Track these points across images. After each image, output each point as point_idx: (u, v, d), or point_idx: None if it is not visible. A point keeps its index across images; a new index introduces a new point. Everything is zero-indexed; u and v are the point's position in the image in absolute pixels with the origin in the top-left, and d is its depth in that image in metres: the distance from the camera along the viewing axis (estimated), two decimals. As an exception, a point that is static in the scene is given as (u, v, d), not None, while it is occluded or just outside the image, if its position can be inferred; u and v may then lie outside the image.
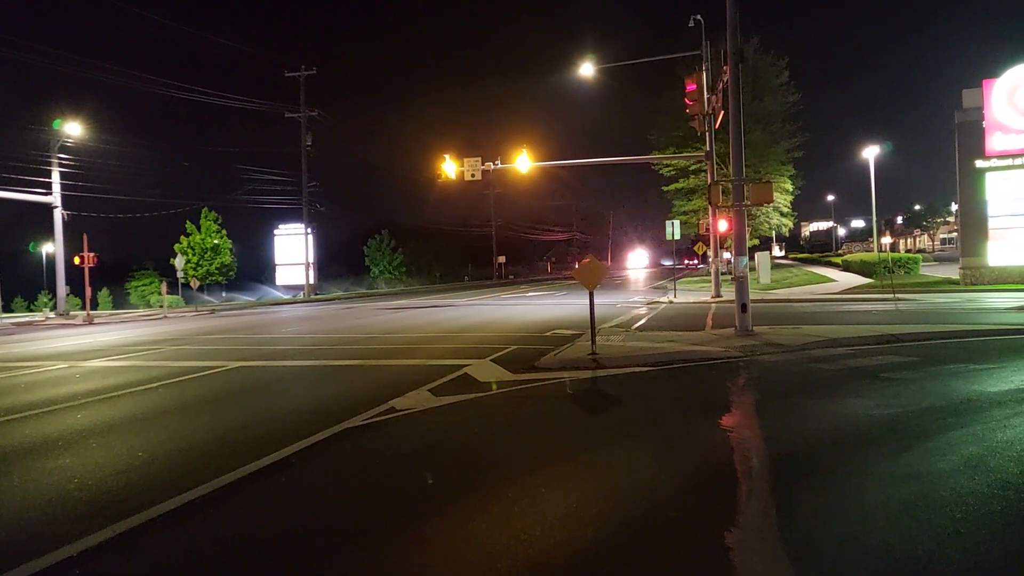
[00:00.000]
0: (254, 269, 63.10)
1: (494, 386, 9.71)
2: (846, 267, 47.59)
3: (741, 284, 14.73)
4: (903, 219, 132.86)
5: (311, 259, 52.75)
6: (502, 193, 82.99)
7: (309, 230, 52.80)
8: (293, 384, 10.98)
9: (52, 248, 40.18)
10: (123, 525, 4.74)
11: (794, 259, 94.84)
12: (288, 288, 58.47)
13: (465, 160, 27.66)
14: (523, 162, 27.75)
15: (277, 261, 61.10)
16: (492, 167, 28.15)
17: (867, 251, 62.71)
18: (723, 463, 5.78)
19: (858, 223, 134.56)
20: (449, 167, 27.40)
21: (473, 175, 27.77)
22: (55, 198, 36.55)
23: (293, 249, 56.43)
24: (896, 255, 44.33)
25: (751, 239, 48.39)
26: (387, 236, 70.66)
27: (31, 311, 48.21)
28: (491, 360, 12.19)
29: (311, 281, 52.78)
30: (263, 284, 62.10)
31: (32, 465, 6.56)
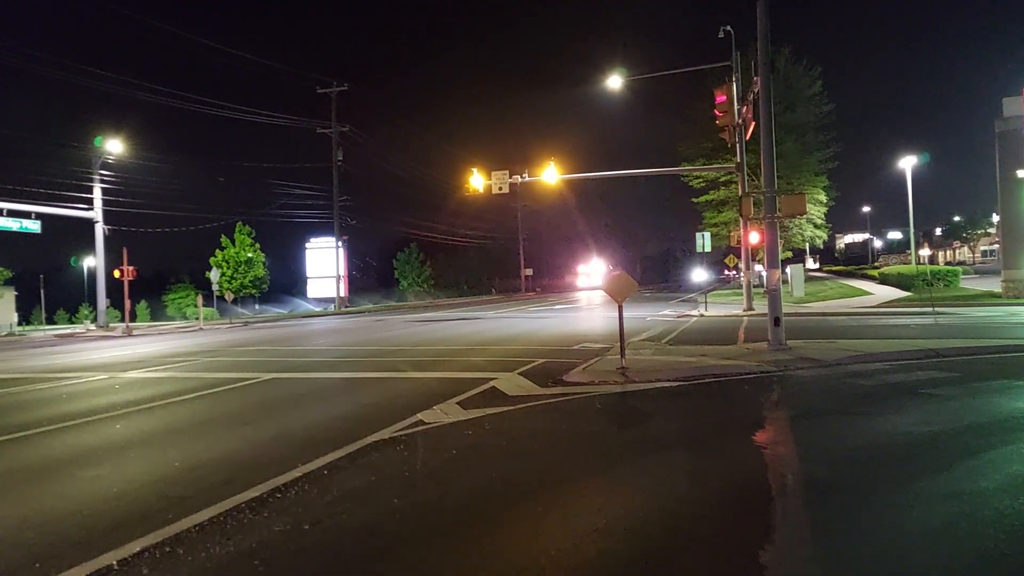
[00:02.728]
0: (286, 282, 63.96)
1: (522, 400, 9.70)
2: (883, 280, 46.75)
3: (774, 297, 14.56)
4: (942, 230, 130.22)
5: (342, 272, 53.27)
6: (529, 206, 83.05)
7: (340, 243, 53.36)
8: (323, 396, 11.07)
9: (93, 262, 41.12)
10: (161, 534, 4.82)
11: (829, 272, 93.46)
12: (319, 301, 59.08)
13: (493, 173, 27.76)
14: (550, 174, 27.77)
15: (308, 274, 61.82)
16: (520, 180, 28.23)
17: (904, 263, 61.58)
18: (757, 480, 5.70)
19: (895, 235, 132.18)
20: (477, 180, 27.52)
21: (501, 188, 27.85)
22: (96, 213, 37.43)
23: (324, 262, 57.05)
24: (935, 267, 43.44)
25: (784, 251, 47.86)
26: (415, 249, 71.17)
27: (72, 323, 49.30)
28: (519, 373, 12.18)
29: (342, 294, 53.27)
30: (295, 297, 62.85)
31: (73, 474, 6.70)
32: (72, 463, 7.15)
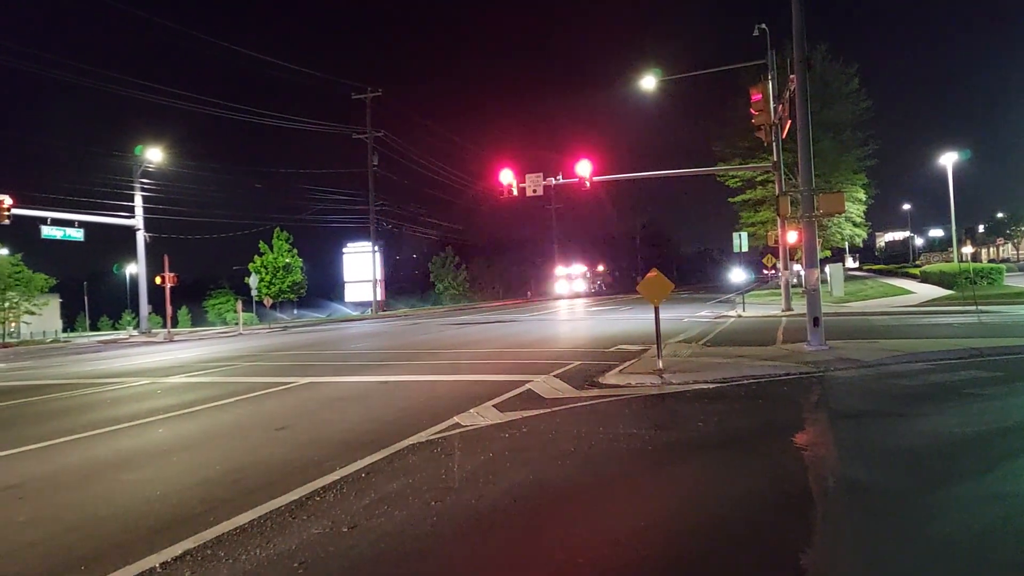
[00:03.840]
0: (323, 286, 64.78)
1: (558, 402, 9.68)
2: (924, 278, 45.71)
3: (813, 297, 14.34)
4: (985, 227, 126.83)
5: (378, 276, 53.74)
6: (563, 208, 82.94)
7: (376, 248, 53.86)
8: (360, 399, 11.17)
9: (135, 269, 42.08)
10: (202, 537, 4.91)
11: (868, 271, 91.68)
12: (356, 305, 59.68)
13: (527, 176, 27.75)
14: (584, 173, 27.61)
15: (345, 278, 62.50)
16: (554, 182, 28.19)
17: (946, 261, 60.12)
18: (796, 482, 5.61)
19: (936, 232, 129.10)
20: (511, 183, 27.51)
21: (535, 190, 27.83)
22: (138, 221, 38.30)
23: (361, 267, 57.65)
24: (978, 265, 42.34)
25: (823, 250, 46.98)
26: (451, 253, 71.51)
27: (116, 329, 50.47)
28: (554, 376, 12.16)
29: (378, 298, 53.74)
30: (332, 301, 63.58)
31: (117, 477, 6.86)
32: (116, 466, 7.32)
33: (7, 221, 30.75)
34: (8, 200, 30.43)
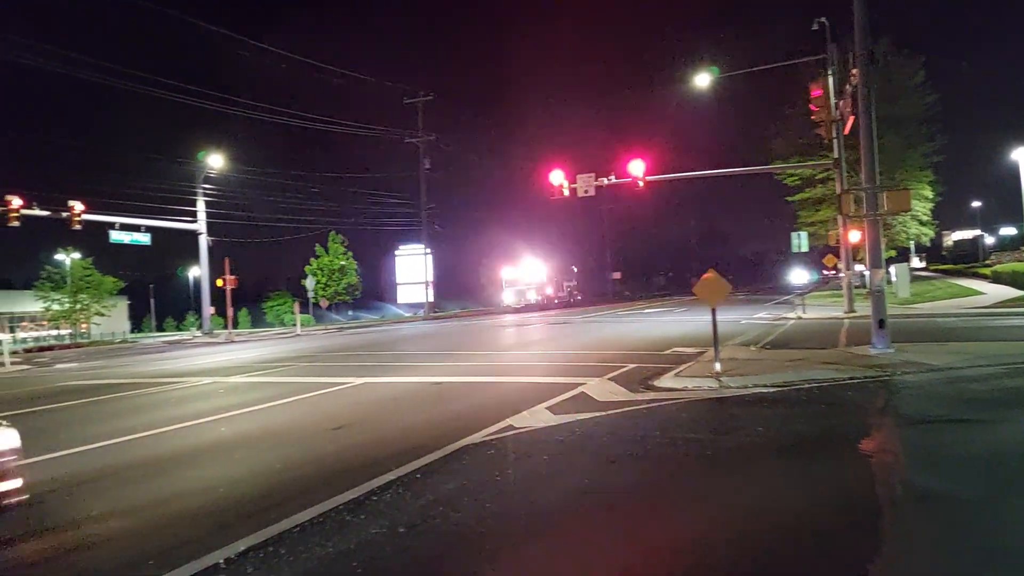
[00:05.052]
0: (377, 288, 65.66)
1: (613, 405, 9.58)
2: (995, 279, 43.87)
3: (877, 298, 13.89)
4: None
5: (430, 278, 54.23)
6: (615, 209, 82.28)
7: (428, 250, 54.36)
8: (414, 400, 11.26)
9: (198, 272, 43.36)
10: (264, 534, 4.99)
11: (935, 271, 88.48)
12: (408, 306, 60.37)
13: (578, 176, 27.56)
14: (637, 173, 27.27)
15: (398, 280, 63.28)
16: (606, 182, 27.94)
17: (1019, 260, 57.65)
18: (863, 490, 5.42)
19: (1008, 230, 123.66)
20: (562, 184, 27.37)
21: (587, 191, 27.62)
22: (200, 225, 39.46)
23: (413, 269, 58.29)
24: (1054, 264, 40.44)
25: (887, 250, 45.51)
26: (503, 253, 71.60)
27: (179, 330, 52.06)
28: (608, 378, 12.05)
29: (430, 299, 54.23)
30: (385, 303, 64.43)
31: (182, 475, 7.05)
32: (181, 463, 7.52)
33: (79, 226, 32.04)
34: (80, 206, 31.70)
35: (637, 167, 26.91)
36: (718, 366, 11.31)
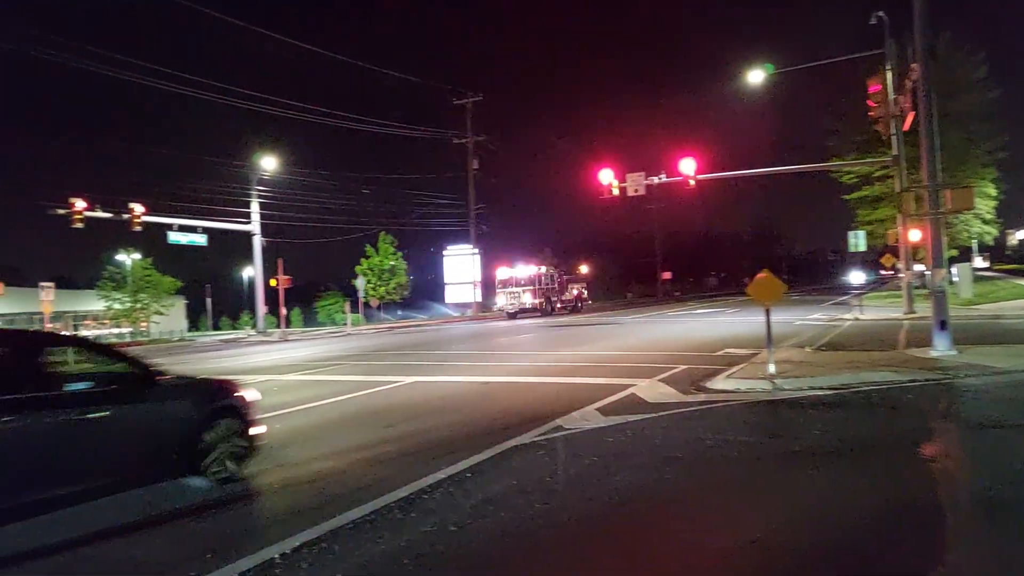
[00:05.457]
0: (426, 288, 66.19)
1: (663, 407, 9.47)
2: (1064, 279, 42.07)
3: (939, 299, 13.45)
4: None
5: (478, 278, 54.43)
6: (666, 208, 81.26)
7: (476, 250, 54.56)
8: (462, 399, 11.31)
9: (252, 272, 44.34)
10: (317, 530, 5.06)
11: (999, 271, 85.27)
12: (456, 306, 60.66)
13: (628, 175, 27.32)
14: (688, 171, 26.89)
15: (446, 280, 63.62)
16: (656, 181, 27.64)
17: (1090, 260, 55.08)
18: (923, 497, 5.26)
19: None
20: (612, 183, 27.17)
21: (637, 190, 27.37)
22: (254, 226, 40.34)
23: (461, 269, 58.51)
24: None
25: (949, 249, 43.98)
26: (549, 255, 71.57)
27: (234, 329, 53.30)
28: (659, 380, 11.91)
29: (478, 299, 54.42)
30: (434, 302, 64.91)
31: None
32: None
33: (139, 228, 33.09)
34: (140, 208, 32.73)
35: (688, 166, 26.55)
36: (772, 368, 11.08)
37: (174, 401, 6.32)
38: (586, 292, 55.30)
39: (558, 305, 46.34)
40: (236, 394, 7.10)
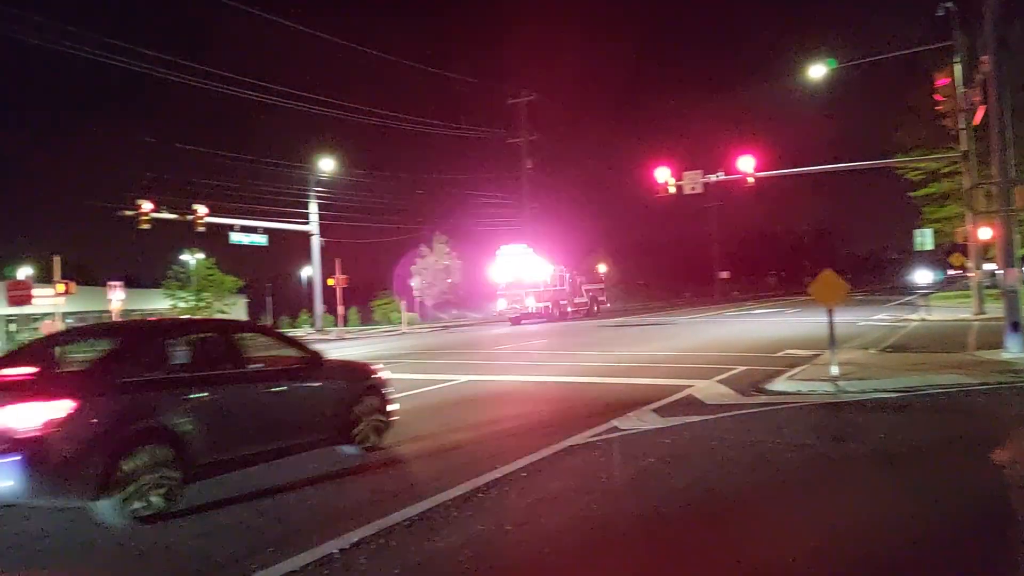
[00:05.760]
0: (480, 287, 66.51)
1: (722, 408, 9.32)
2: None
3: (1011, 299, 12.93)
4: None
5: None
6: (724, 206, 79.87)
7: (530, 249, 54.56)
8: (517, 398, 11.34)
9: (310, 272, 45.26)
10: (375, 527, 5.12)
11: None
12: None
13: (685, 173, 26.94)
14: (747, 168, 26.37)
15: (499, 280, 63.77)
16: (714, 179, 27.18)
17: None
18: (996, 503, 5.06)
19: None
20: (668, 181, 26.83)
21: (693, 188, 26.98)
22: (313, 227, 41.16)
23: (515, 268, 58.57)
24: None
25: (1021, 247, 42.24)
26: (603, 254, 71.16)
27: (293, 327, 54.44)
28: (717, 381, 11.73)
29: (533, 298, 54.36)
30: (488, 301, 65.20)
31: (304, 467, 7.34)
32: (299, 459, 7.81)
33: (202, 228, 34.09)
34: (203, 209, 33.72)
35: (747, 163, 26.08)
36: (835, 369, 10.80)
37: (336, 380, 7.64)
38: (604, 295, 50.54)
39: (569, 309, 42.87)
40: (376, 375, 8.46)
